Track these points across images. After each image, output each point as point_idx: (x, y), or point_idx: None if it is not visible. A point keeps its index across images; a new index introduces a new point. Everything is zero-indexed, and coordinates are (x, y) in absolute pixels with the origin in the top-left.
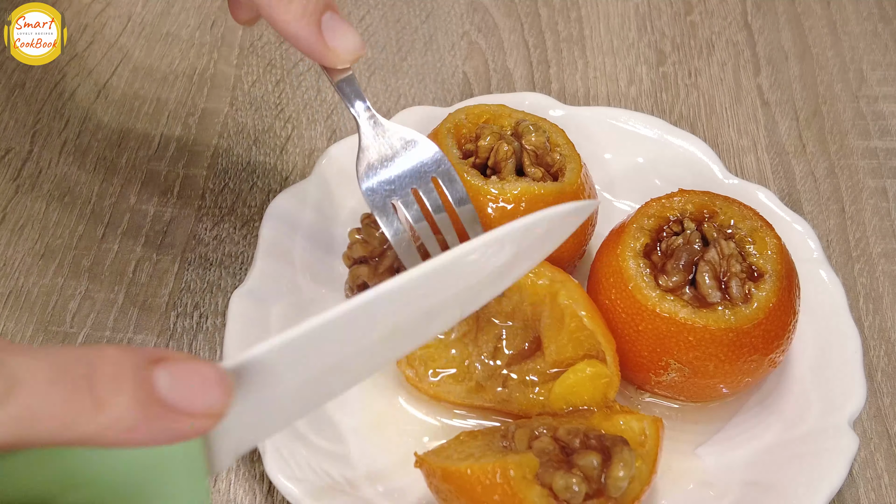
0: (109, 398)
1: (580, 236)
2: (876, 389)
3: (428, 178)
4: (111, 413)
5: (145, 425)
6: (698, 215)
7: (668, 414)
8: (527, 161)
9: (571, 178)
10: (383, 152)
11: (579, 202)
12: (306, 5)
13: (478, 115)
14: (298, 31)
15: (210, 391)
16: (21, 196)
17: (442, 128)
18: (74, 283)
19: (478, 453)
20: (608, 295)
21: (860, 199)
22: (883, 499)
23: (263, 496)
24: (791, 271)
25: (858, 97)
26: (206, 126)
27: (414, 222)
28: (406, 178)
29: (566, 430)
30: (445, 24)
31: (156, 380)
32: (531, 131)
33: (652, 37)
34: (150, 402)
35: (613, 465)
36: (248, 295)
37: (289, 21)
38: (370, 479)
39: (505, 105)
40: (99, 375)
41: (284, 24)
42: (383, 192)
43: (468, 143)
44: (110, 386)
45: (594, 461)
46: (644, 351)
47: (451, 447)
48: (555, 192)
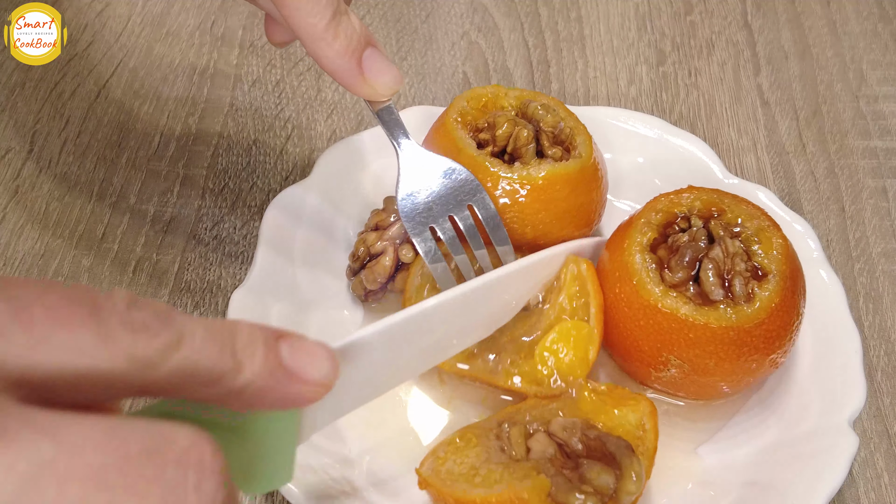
0: (247, 360)
1: (588, 214)
2: (876, 389)
3: (464, 206)
4: (248, 372)
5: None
6: (706, 212)
7: (669, 411)
8: (545, 142)
9: (586, 151)
10: (421, 180)
11: (587, 241)
12: (349, 44)
13: (477, 98)
14: (340, 68)
15: (322, 363)
16: (21, 196)
17: (448, 119)
18: (74, 283)
19: (482, 468)
20: (613, 289)
21: (860, 199)
22: (883, 498)
23: (263, 496)
24: (796, 272)
25: (858, 97)
26: (205, 126)
27: (449, 246)
28: (442, 205)
29: (560, 425)
30: (445, 24)
31: (280, 349)
32: (545, 112)
33: (652, 36)
34: (277, 367)
35: (625, 479)
36: (247, 295)
37: (331, 58)
38: (370, 479)
39: (500, 85)
40: (238, 342)
41: (327, 60)
42: (420, 219)
43: (480, 132)
44: (247, 350)
45: (610, 483)
46: (645, 346)
47: (448, 457)
48: (577, 168)
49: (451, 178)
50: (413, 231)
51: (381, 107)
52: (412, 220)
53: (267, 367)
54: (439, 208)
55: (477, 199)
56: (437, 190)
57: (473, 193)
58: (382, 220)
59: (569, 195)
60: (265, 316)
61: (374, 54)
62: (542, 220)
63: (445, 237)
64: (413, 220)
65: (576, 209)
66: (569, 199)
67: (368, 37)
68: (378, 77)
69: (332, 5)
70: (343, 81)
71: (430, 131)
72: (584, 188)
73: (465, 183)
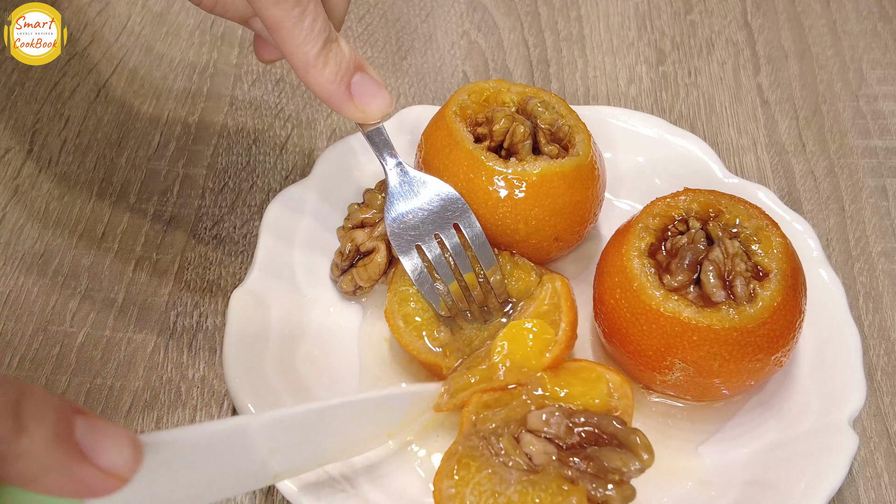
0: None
1: (583, 212)
2: (876, 388)
3: (450, 224)
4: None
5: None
6: (703, 214)
7: (672, 413)
8: (542, 140)
9: (584, 150)
10: (409, 200)
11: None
12: (338, 70)
13: (479, 92)
14: (331, 94)
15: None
16: (21, 195)
17: (448, 111)
18: (74, 283)
19: (507, 492)
20: (613, 294)
21: (860, 198)
22: (882, 497)
23: (263, 495)
24: (797, 271)
25: (858, 96)
26: (205, 125)
27: (435, 265)
28: (429, 224)
29: (538, 418)
30: (445, 24)
31: (75, 423)
32: (543, 109)
33: (652, 36)
34: (67, 439)
35: (637, 454)
36: (247, 294)
37: (322, 84)
38: (369, 478)
39: (503, 80)
40: (25, 405)
41: (318, 86)
42: (408, 237)
43: (478, 126)
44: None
45: (630, 463)
46: (649, 350)
47: (461, 490)
48: (574, 166)
49: (439, 198)
50: (399, 249)
51: (371, 128)
52: (400, 239)
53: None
54: (426, 227)
55: (463, 218)
56: (425, 209)
57: (461, 213)
58: (368, 218)
59: (563, 193)
60: (265, 315)
61: (364, 79)
62: (535, 217)
63: (432, 255)
64: (401, 239)
65: (570, 207)
66: (563, 196)
67: (359, 61)
68: (368, 102)
69: (323, 33)
70: (333, 106)
71: (430, 123)
72: (579, 186)
73: (452, 202)
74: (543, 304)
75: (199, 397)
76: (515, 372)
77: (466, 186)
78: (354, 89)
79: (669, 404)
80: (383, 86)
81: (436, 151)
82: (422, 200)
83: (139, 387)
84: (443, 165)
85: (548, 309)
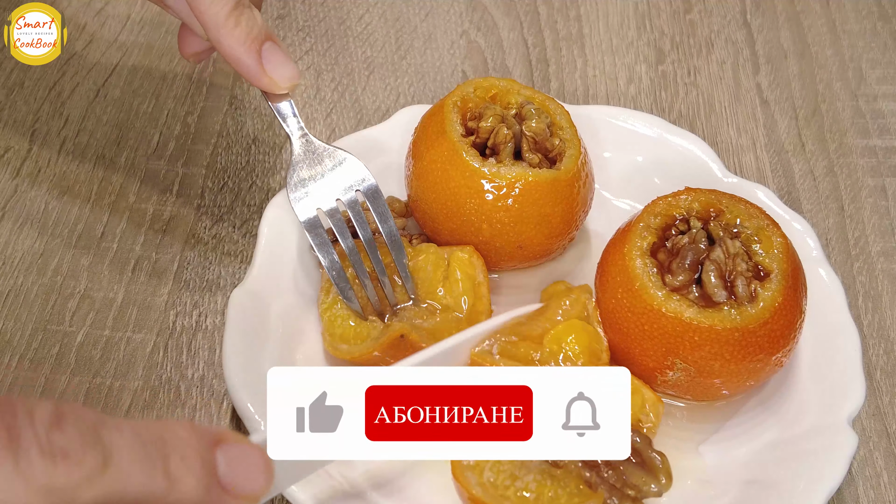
0: (181, 478)
1: (551, 226)
2: (875, 388)
3: (352, 192)
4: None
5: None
6: (704, 214)
7: (672, 412)
8: (525, 146)
9: (568, 166)
10: (313, 168)
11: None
12: (248, 32)
13: (486, 88)
14: (240, 57)
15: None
16: (20, 195)
17: (448, 101)
18: (73, 282)
19: (525, 477)
20: (615, 294)
21: (859, 198)
22: (882, 497)
23: None
24: (797, 270)
25: (857, 96)
26: (205, 125)
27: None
28: (332, 192)
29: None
30: (444, 23)
31: (217, 462)
32: (533, 116)
33: (651, 35)
34: (213, 484)
35: (657, 477)
36: (247, 294)
37: (232, 45)
38: (371, 479)
39: (515, 80)
40: (172, 457)
41: (228, 47)
42: (311, 203)
43: (472, 119)
44: (182, 466)
45: (651, 485)
46: (650, 350)
47: (480, 463)
48: (550, 179)
49: (342, 167)
50: (315, 241)
51: (280, 101)
52: (303, 205)
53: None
54: (330, 194)
55: (366, 186)
56: (329, 177)
57: (362, 181)
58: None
59: (533, 202)
60: (265, 315)
61: (274, 48)
62: (499, 220)
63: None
64: (304, 205)
65: (537, 218)
66: (533, 206)
67: (270, 33)
68: (277, 69)
69: None
70: (243, 71)
71: (431, 108)
72: (550, 200)
73: (355, 171)
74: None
75: (198, 397)
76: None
77: (441, 176)
78: (265, 55)
79: (669, 404)
80: (292, 58)
81: (425, 136)
82: (326, 169)
83: (138, 386)
84: (426, 150)
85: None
